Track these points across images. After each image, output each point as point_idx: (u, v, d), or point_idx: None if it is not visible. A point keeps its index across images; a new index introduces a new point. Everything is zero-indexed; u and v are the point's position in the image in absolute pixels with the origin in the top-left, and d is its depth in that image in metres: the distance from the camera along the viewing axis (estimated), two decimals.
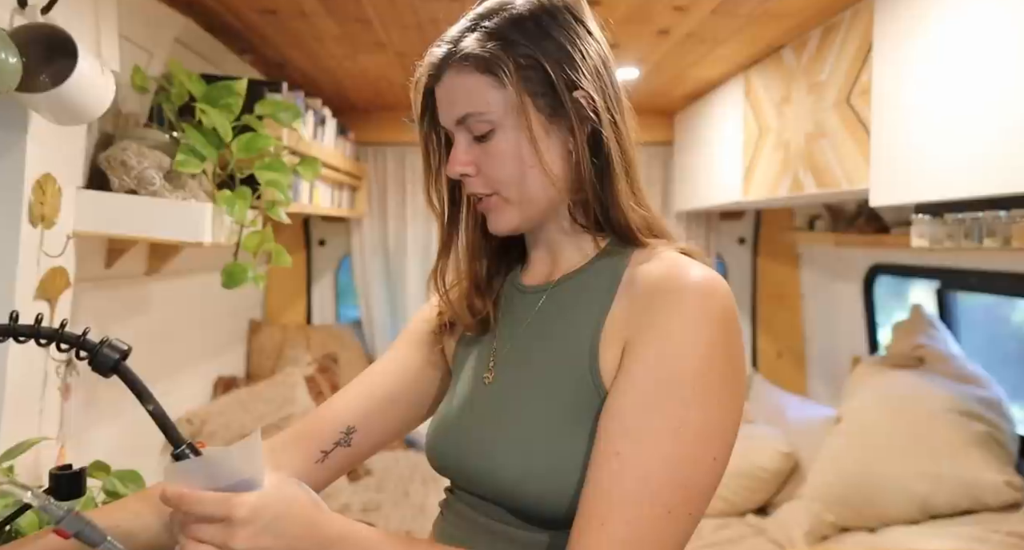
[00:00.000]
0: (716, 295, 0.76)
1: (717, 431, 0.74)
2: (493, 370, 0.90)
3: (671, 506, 0.71)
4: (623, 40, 2.20)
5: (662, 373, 0.74)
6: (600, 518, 0.71)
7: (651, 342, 0.75)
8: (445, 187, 0.94)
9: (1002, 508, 2.08)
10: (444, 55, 0.86)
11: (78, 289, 1.55)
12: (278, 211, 1.79)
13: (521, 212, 0.87)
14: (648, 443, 0.72)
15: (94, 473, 1.17)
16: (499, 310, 0.96)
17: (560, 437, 0.79)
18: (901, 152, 1.64)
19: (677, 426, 0.72)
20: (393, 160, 3.47)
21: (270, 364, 3.23)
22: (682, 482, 0.72)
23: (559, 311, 0.87)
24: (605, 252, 0.88)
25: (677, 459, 0.72)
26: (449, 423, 0.91)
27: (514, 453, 0.80)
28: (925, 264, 2.59)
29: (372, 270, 3.55)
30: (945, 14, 1.51)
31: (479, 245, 0.96)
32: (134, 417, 2.17)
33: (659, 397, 0.73)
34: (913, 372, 2.41)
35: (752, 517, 2.71)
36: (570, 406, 0.79)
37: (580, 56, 0.84)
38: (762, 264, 3.64)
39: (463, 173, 0.86)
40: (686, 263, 0.80)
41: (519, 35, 0.83)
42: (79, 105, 1.24)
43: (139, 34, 1.68)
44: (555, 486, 0.77)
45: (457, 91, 0.85)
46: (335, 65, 2.51)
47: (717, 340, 0.75)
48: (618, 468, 0.72)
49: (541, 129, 0.83)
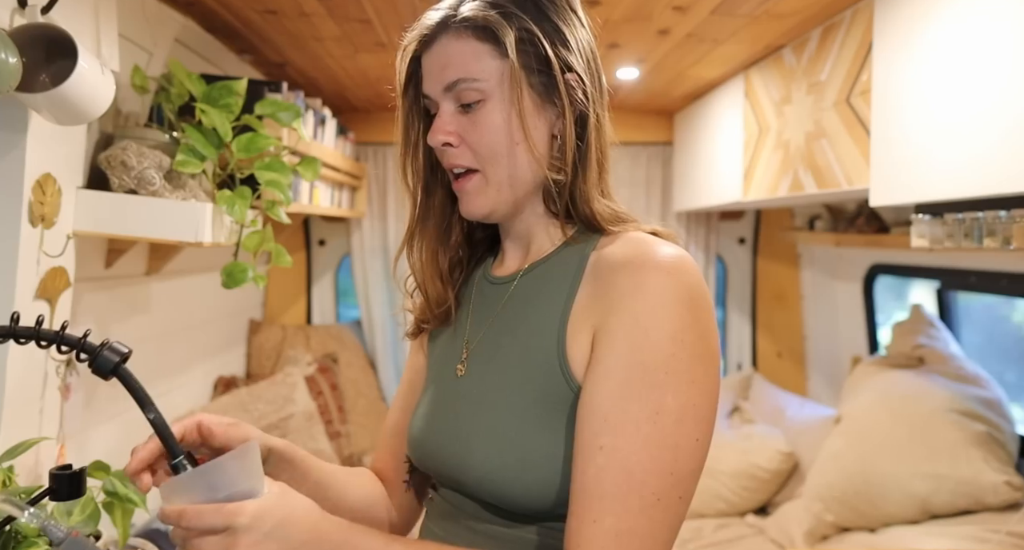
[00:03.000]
0: (680, 272, 0.75)
1: (696, 412, 0.73)
2: (466, 363, 0.89)
3: (660, 493, 0.70)
4: (623, 40, 2.20)
5: (633, 359, 0.72)
6: (592, 515, 0.70)
7: (619, 328, 0.74)
8: (422, 163, 0.91)
9: (1002, 508, 2.08)
10: (441, 18, 0.84)
11: (78, 289, 1.55)
12: (278, 211, 1.79)
13: (498, 194, 0.85)
14: (629, 433, 0.71)
15: (94, 473, 1.17)
16: (469, 302, 0.95)
17: (531, 428, 0.78)
18: (901, 152, 1.64)
19: (655, 412, 0.71)
20: (393, 160, 3.47)
21: (270, 364, 3.23)
22: (668, 468, 0.71)
23: (526, 300, 0.86)
24: (572, 239, 0.86)
25: (659, 445, 0.71)
26: (425, 418, 0.91)
27: (486, 445, 0.79)
28: (925, 264, 2.59)
29: (372, 270, 3.55)
30: (945, 14, 1.51)
31: (445, 229, 0.95)
32: (134, 417, 2.17)
33: (633, 384, 0.72)
34: (913, 372, 2.41)
35: (752, 517, 2.71)
36: (540, 397, 0.79)
37: (575, 42, 0.84)
38: (762, 264, 3.64)
39: (445, 142, 0.84)
40: (651, 242, 0.79)
41: (520, 10, 0.82)
42: (79, 105, 1.24)
43: (139, 34, 1.68)
44: (528, 478, 0.76)
45: (452, 55, 0.83)
46: (335, 65, 2.51)
47: (686, 320, 0.73)
48: (603, 462, 0.71)
49: (532, 107, 0.82)
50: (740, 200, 2.59)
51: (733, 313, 3.67)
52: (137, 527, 1.83)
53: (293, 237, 3.51)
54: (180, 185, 1.61)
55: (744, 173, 2.56)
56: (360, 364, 3.45)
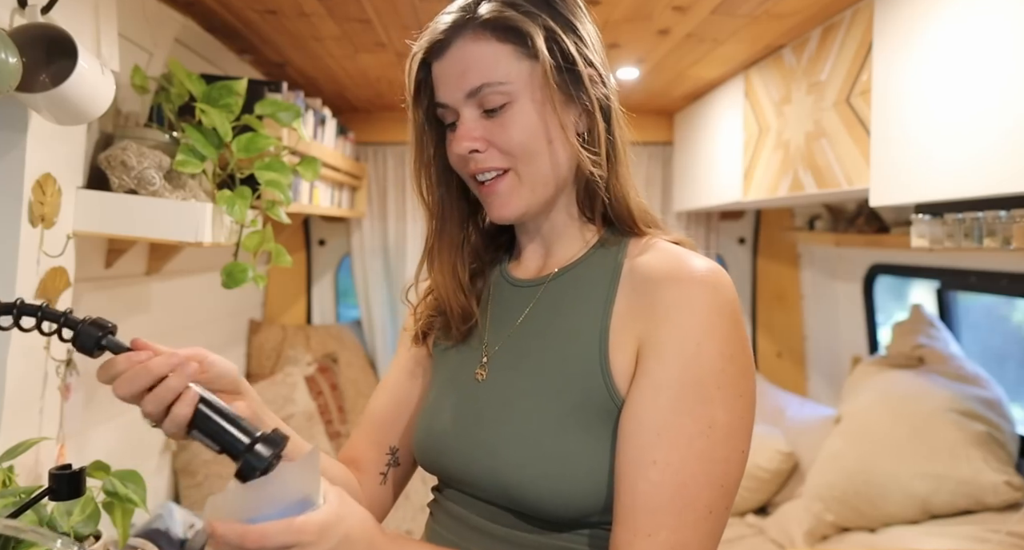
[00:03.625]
0: (722, 287, 0.76)
1: (743, 425, 0.74)
2: (487, 367, 0.86)
3: (712, 506, 0.72)
4: (623, 40, 2.20)
5: (686, 375, 0.72)
6: (647, 528, 0.70)
7: (668, 342, 0.74)
8: (439, 176, 0.89)
9: (1002, 508, 2.08)
10: (456, 22, 0.80)
11: (78, 289, 1.55)
12: (278, 211, 1.79)
13: (532, 194, 0.82)
14: (682, 448, 0.71)
15: (94, 473, 1.17)
16: (486, 304, 0.92)
17: (569, 437, 0.76)
18: (901, 152, 1.64)
19: (707, 427, 0.72)
20: (393, 160, 3.47)
21: (270, 364, 3.23)
22: (719, 481, 0.72)
23: (558, 306, 0.84)
24: (601, 243, 0.85)
25: (711, 459, 0.72)
26: (442, 422, 0.88)
27: (521, 453, 0.78)
28: (925, 264, 2.59)
29: (372, 270, 3.55)
30: (945, 14, 1.51)
31: (461, 238, 0.92)
32: (134, 417, 2.17)
33: (686, 399, 0.72)
34: (913, 372, 2.41)
35: (752, 517, 2.71)
36: (579, 406, 0.77)
37: (588, 37, 0.84)
38: (762, 264, 3.64)
39: (473, 149, 0.81)
40: (687, 255, 0.79)
41: (538, 8, 0.80)
42: (79, 105, 1.24)
43: (139, 34, 1.68)
44: (562, 487, 0.75)
45: (472, 59, 0.79)
46: (335, 65, 2.51)
47: (731, 334, 0.74)
48: (657, 477, 0.71)
49: (560, 103, 0.80)
50: (740, 200, 2.59)
51: None
52: (137, 527, 1.83)
53: (293, 237, 3.51)
54: (180, 185, 1.61)
55: (744, 173, 2.56)
56: (360, 364, 3.45)
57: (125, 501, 1.18)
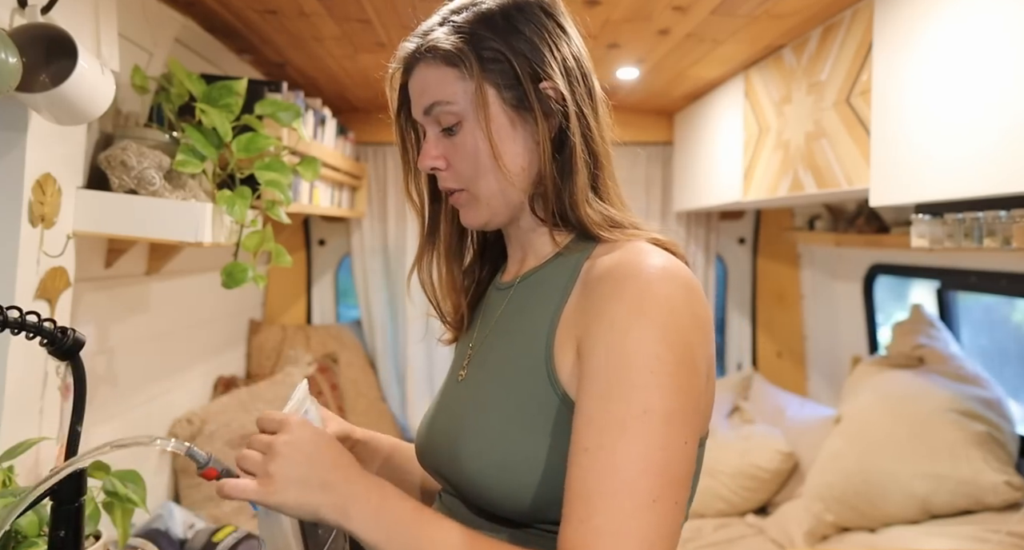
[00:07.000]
0: (662, 280, 0.75)
1: (684, 417, 0.72)
2: (467, 367, 0.92)
3: (655, 494, 0.69)
4: (623, 40, 2.20)
5: (613, 361, 0.72)
6: (579, 515, 0.69)
7: (599, 334, 0.75)
8: (424, 182, 0.96)
9: (1002, 508, 2.08)
10: (414, 49, 0.88)
11: (78, 289, 1.55)
12: (278, 211, 1.79)
13: (489, 208, 0.88)
14: (614, 432, 0.70)
15: (94, 473, 1.17)
16: (481, 307, 0.98)
17: (515, 431, 0.79)
18: (901, 152, 1.64)
19: (641, 411, 0.70)
20: (393, 160, 3.47)
21: (270, 364, 3.23)
22: (660, 469, 0.70)
23: (520, 306, 0.88)
24: (567, 248, 0.88)
25: (648, 445, 0.70)
26: (427, 421, 0.94)
27: (473, 446, 0.81)
28: (925, 264, 2.59)
29: (372, 270, 3.55)
30: (945, 14, 1.51)
31: (456, 240, 0.98)
32: (134, 417, 2.17)
33: (615, 386, 0.72)
34: (913, 372, 2.41)
35: (752, 517, 2.71)
36: (527, 402, 0.80)
37: (549, 50, 0.85)
38: (762, 264, 3.64)
39: (434, 167, 0.88)
40: (641, 251, 0.79)
41: (486, 29, 0.85)
42: (79, 105, 1.24)
43: (139, 34, 1.68)
44: (506, 478, 0.77)
45: (427, 81, 0.87)
46: (335, 65, 2.51)
47: (669, 322, 0.73)
48: (587, 463, 0.71)
49: (507, 122, 0.85)
50: (740, 200, 2.59)
51: (733, 313, 3.67)
52: (137, 527, 1.83)
53: (293, 237, 3.51)
54: (180, 185, 1.61)
55: (744, 173, 2.56)
56: (360, 364, 3.45)
57: (125, 501, 1.18)
